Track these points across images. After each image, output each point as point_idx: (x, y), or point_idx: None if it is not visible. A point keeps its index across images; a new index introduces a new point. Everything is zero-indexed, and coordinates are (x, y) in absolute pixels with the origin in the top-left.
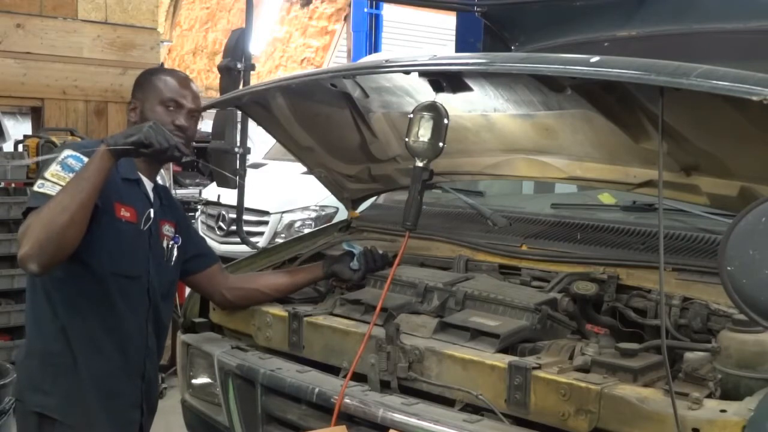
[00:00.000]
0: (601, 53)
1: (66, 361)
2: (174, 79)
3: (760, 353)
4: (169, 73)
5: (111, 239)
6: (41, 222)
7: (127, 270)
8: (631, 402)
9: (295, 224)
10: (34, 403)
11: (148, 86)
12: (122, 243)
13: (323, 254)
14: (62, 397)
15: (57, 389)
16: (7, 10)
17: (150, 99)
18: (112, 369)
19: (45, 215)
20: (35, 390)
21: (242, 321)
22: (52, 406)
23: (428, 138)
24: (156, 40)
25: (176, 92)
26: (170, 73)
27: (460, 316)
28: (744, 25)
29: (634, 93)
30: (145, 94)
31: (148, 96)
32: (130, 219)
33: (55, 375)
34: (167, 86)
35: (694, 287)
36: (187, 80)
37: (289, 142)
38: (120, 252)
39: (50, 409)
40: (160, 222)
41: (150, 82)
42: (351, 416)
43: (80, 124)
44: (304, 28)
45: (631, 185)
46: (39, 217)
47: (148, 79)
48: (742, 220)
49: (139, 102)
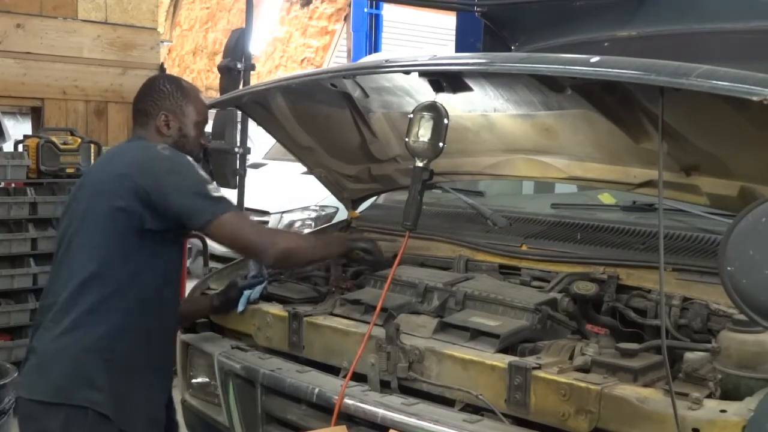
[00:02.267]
0: (601, 53)
1: (120, 357)
2: (200, 99)
3: (760, 353)
4: (195, 91)
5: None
6: (298, 247)
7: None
8: (631, 402)
9: (295, 224)
10: (82, 398)
11: (185, 105)
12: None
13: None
14: (110, 391)
15: (108, 384)
16: (7, 10)
17: (188, 119)
18: (155, 368)
19: (303, 246)
20: (86, 384)
21: (242, 321)
22: (100, 401)
23: (428, 138)
24: (156, 40)
25: (204, 112)
26: (196, 91)
27: (460, 316)
28: (744, 25)
29: (634, 93)
30: (184, 112)
31: (187, 115)
32: None
33: (109, 371)
34: (199, 107)
35: (694, 287)
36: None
37: (289, 142)
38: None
39: (97, 404)
40: None
41: (186, 100)
42: (351, 416)
43: (80, 124)
44: (304, 28)
45: (631, 185)
46: (297, 242)
47: (183, 96)
48: (742, 220)
49: (174, 118)
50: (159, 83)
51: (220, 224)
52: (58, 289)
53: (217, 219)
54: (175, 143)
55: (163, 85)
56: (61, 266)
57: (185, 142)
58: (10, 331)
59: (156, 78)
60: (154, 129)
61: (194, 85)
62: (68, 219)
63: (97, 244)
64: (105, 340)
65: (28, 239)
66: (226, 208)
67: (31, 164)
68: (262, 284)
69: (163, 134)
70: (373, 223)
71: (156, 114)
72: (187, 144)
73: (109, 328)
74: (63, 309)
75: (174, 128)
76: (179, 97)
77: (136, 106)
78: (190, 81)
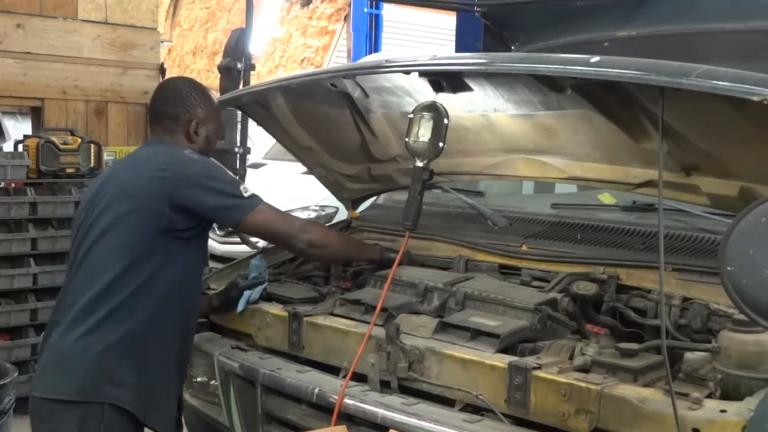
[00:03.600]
0: (601, 53)
1: (143, 354)
2: (219, 107)
3: (760, 353)
4: (217, 102)
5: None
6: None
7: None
8: (631, 402)
9: None
10: (105, 395)
11: (212, 114)
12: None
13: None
14: (133, 388)
15: (131, 380)
16: (7, 10)
17: (213, 126)
18: (175, 365)
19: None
20: (108, 381)
21: (242, 321)
22: (122, 397)
23: (428, 138)
24: (156, 40)
25: (222, 119)
26: (216, 101)
27: (460, 316)
28: (744, 25)
29: (634, 93)
30: (209, 119)
31: (212, 123)
32: None
33: (131, 367)
34: (220, 116)
35: (694, 287)
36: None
37: (289, 142)
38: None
39: (122, 401)
40: None
41: (212, 110)
42: (351, 416)
43: (80, 124)
44: (304, 28)
45: (631, 185)
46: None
47: (209, 105)
48: (742, 220)
49: (203, 126)
50: (188, 90)
51: (253, 218)
52: (80, 289)
53: (250, 214)
54: (200, 150)
55: (193, 92)
56: (83, 266)
57: (209, 149)
58: (10, 331)
59: (182, 83)
60: (184, 134)
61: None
62: (89, 219)
63: (122, 243)
64: (128, 338)
65: (28, 239)
66: (258, 202)
67: (31, 164)
68: (263, 285)
69: (192, 141)
70: (373, 223)
71: (187, 121)
72: (209, 151)
73: (133, 326)
74: (87, 308)
75: (202, 135)
76: (208, 106)
77: (160, 110)
78: None
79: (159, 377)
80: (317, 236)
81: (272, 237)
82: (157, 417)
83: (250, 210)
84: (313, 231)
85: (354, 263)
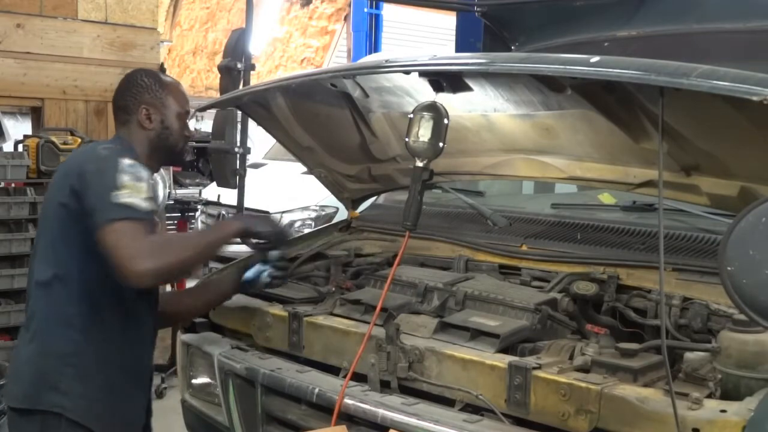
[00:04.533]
0: (601, 53)
1: (85, 362)
2: (181, 90)
3: (760, 353)
4: (175, 84)
5: None
6: (174, 254)
7: None
8: (631, 402)
9: (295, 224)
10: (51, 403)
11: (165, 97)
12: None
13: (323, 254)
14: (79, 396)
15: (74, 389)
16: (7, 10)
17: (170, 110)
18: (127, 371)
19: (178, 253)
20: (52, 389)
21: (242, 321)
22: (68, 406)
23: (428, 138)
24: (156, 40)
25: (186, 104)
26: (176, 83)
27: (460, 316)
28: (744, 25)
29: (634, 93)
30: (165, 104)
31: (167, 107)
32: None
33: (74, 375)
34: (180, 99)
35: (694, 287)
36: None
37: (289, 142)
38: None
39: (66, 409)
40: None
41: (166, 92)
42: (351, 416)
43: (80, 124)
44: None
45: (631, 185)
46: (169, 248)
47: (162, 88)
48: (742, 220)
49: (155, 111)
50: (137, 77)
51: (107, 231)
52: (28, 293)
53: (109, 225)
54: (158, 136)
55: (141, 78)
56: (29, 269)
57: (168, 135)
58: (10, 331)
59: (133, 72)
60: (137, 124)
61: (173, 77)
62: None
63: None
64: (67, 346)
65: (28, 239)
66: (125, 215)
67: (31, 164)
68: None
69: (146, 128)
70: (373, 223)
71: (136, 109)
72: (170, 136)
73: (69, 333)
74: (29, 314)
75: (156, 121)
76: (158, 89)
77: (115, 104)
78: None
79: (109, 386)
80: (153, 266)
81: (112, 261)
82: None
83: (111, 220)
84: (152, 262)
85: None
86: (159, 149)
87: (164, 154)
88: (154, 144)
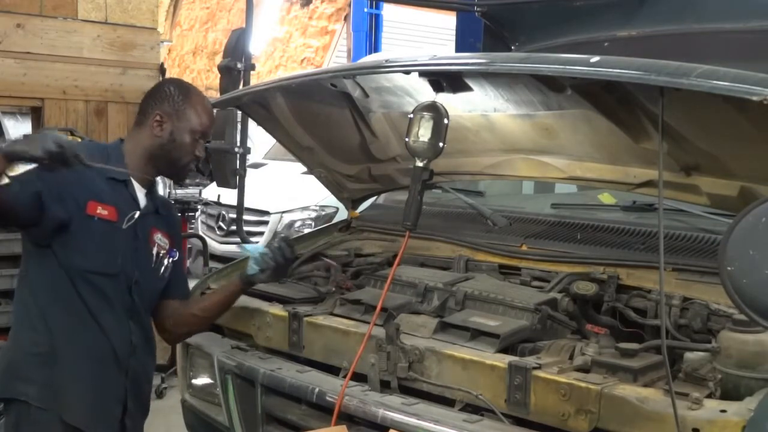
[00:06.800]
0: (601, 53)
1: (47, 350)
2: (206, 110)
3: (760, 353)
4: (202, 101)
5: (82, 236)
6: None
7: (100, 267)
8: (631, 402)
9: (295, 224)
10: (16, 391)
11: (184, 110)
12: (95, 240)
13: (323, 254)
14: (43, 384)
15: (38, 377)
16: (7, 10)
17: (183, 124)
18: (92, 360)
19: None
20: (17, 378)
21: (242, 321)
22: (32, 394)
23: (428, 138)
24: (156, 40)
25: (207, 126)
26: (203, 101)
27: (460, 316)
28: (744, 25)
29: (634, 93)
30: (179, 116)
31: (182, 120)
32: (107, 217)
33: (37, 364)
34: (201, 118)
35: (694, 287)
36: (212, 110)
37: (289, 142)
38: (92, 249)
39: (31, 397)
40: (152, 229)
41: (186, 105)
42: (351, 416)
43: (80, 124)
44: (304, 28)
45: (631, 185)
46: None
47: (184, 101)
48: (742, 220)
49: (168, 120)
50: (164, 84)
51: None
52: None
53: None
54: (162, 146)
55: (167, 87)
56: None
57: (173, 147)
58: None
59: (165, 80)
60: (148, 127)
61: (206, 97)
62: None
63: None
64: (32, 338)
65: None
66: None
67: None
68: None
69: (155, 135)
70: (373, 223)
71: (152, 113)
72: (174, 150)
73: (33, 327)
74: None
75: (166, 130)
76: (180, 101)
77: (140, 106)
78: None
79: (73, 375)
80: None
81: None
82: (79, 414)
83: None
84: None
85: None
86: (160, 158)
87: (164, 165)
88: (156, 152)
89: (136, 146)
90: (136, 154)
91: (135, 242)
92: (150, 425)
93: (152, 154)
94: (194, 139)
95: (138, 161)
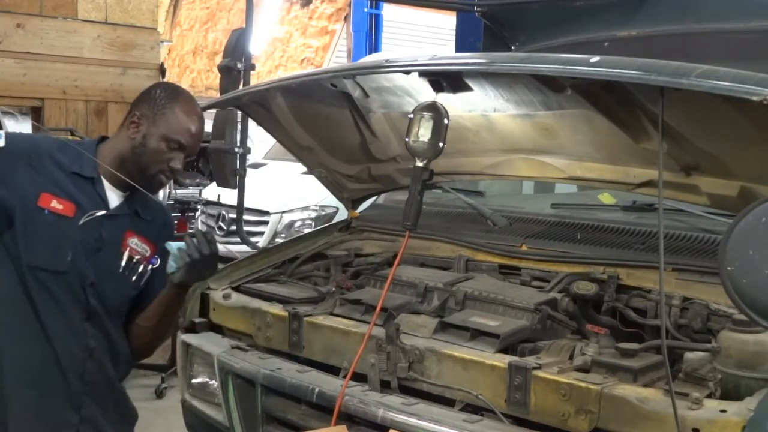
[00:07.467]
0: (601, 53)
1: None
2: (189, 118)
3: (760, 353)
4: (188, 109)
5: (29, 229)
6: None
7: (46, 263)
8: (631, 402)
9: (295, 224)
10: None
11: (163, 114)
12: (43, 235)
13: (323, 254)
14: None
15: None
16: (7, 10)
17: (158, 128)
18: (37, 362)
19: None
20: None
21: (242, 321)
22: None
23: (428, 138)
24: (156, 40)
25: (185, 135)
26: (190, 110)
27: (460, 316)
28: (744, 25)
29: (634, 93)
30: (156, 119)
31: (158, 124)
32: (61, 212)
33: None
34: (180, 125)
35: (694, 287)
36: (201, 121)
37: (289, 142)
38: (39, 244)
39: None
40: (126, 232)
41: (167, 110)
42: (351, 416)
43: (80, 124)
44: (304, 28)
45: (631, 185)
46: None
47: (164, 104)
48: (742, 220)
49: (145, 122)
50: (154, 87)
51: None
52: None
53: None
54: (133, 149)
55: (155, 89)
56: None
57: (143, 152)
58: None
59: (158, 83)
60: (126, 125)
61: (195, 104)
62: None
63: None
64: None
65: None
66: None
67: None
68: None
69: (129, 136)
70: (373, 223)
71: (132, 113)
72: (144, 155)
73: None
74: None
75: (140, 133)
76: (162, 105)
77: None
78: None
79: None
80: None
81: None
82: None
83: None
84: None
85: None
86: (130, 162)
87: (134, 171)
88: (126, 154)
89: (112, 147)
90: (110, 155)
91: (97, 242)
92: (150, 425)
93: (123, 156)
94: (169, 147)
95: (111, 162)
